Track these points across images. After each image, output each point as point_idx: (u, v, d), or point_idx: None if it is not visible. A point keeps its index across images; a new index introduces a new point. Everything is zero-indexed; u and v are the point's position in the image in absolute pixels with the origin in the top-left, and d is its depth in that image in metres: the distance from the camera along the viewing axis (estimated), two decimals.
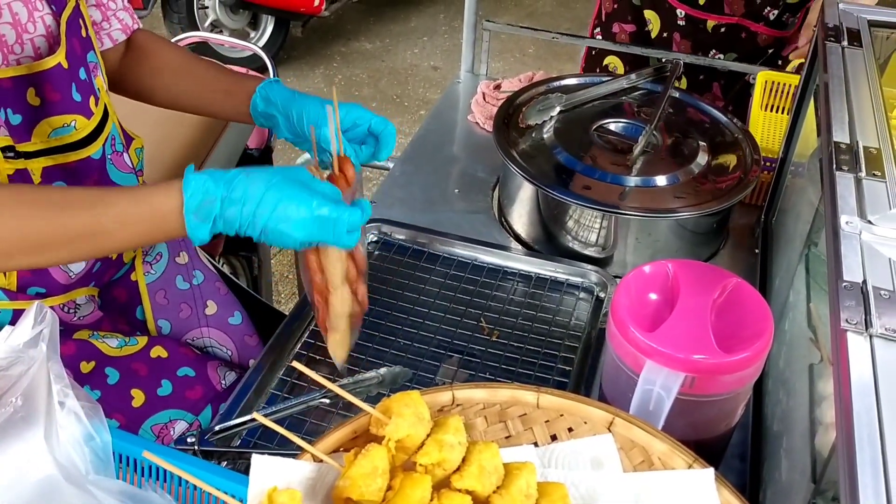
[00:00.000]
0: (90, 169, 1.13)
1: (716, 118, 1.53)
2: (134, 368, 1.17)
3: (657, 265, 0.97)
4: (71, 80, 1.06)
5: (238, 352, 1.32)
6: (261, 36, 4.32)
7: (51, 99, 1.04)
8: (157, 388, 1.18)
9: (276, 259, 2.95)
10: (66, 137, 1.07)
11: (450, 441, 0.72)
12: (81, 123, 1.08)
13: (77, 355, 1.12)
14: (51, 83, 1.03)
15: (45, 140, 1.05)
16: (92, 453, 0.77)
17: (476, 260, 1.39)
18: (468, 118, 1.81)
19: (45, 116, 1.04)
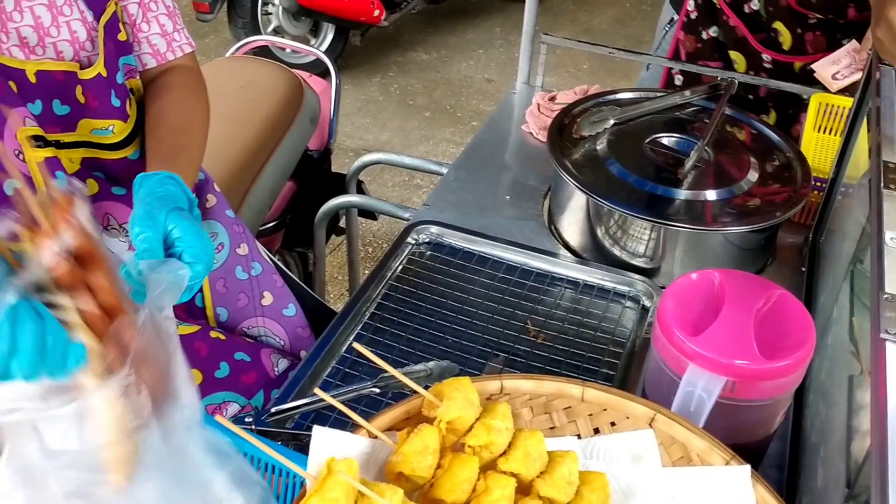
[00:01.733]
0: (128, 166, 1.20)
1: (768, 137, 1.55)
2: (195, 347, 1.23)
3: (704, 273, 1.00)
4: (110, 88, 1.14)
5: (291, 342, 1.37)
6: (321, 43, 4.41)
7: (91, 105, 1.12)
8: (216, 371, 1.24)
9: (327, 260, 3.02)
10: (105, 139, 1.16)
11: (497, 426, 0.76)
12: (119, 128, 1.17)
13: None
14: (91, 91, 1.11)
15: (86, 134, 1.13)
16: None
17: (525, 265, 1.42)
18: (522, 128, 1.85)
19: (87, 116, 1.13)
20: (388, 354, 1.22)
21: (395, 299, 1.34)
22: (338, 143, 3.88)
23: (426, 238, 1.48)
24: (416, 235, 1.47)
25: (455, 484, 0.73)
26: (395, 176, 3.65)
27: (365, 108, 4.31)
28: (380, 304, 1.34)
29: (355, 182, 1.84)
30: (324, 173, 2.02)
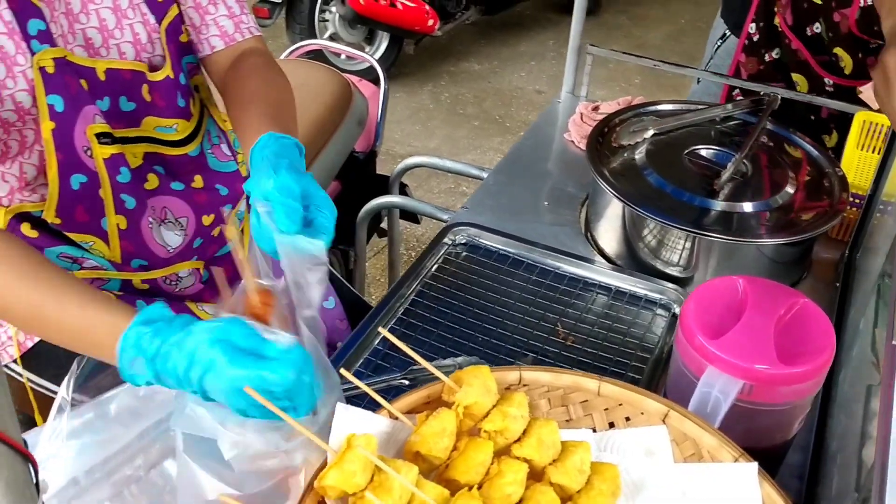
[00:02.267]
0: (189, 163, 1.27)
1: (809, 152, 1.56)
2: None
3: (729, 280, 1.02)
4: (177, 90, 1.20)
5: (329, 333, 1.42)
6: (375, 51, 4.49)
7: (158, 104, 1.19)
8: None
9: (370, 262, 3.08)
10: (168, 136, 1.22)
11: (513, 413, 0.79)
12: (182, 126, 1.23)
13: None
14: (159, 92, 1.18)
15: (149, 131, 1.20)
16: None
17: (558, 269, 1.45)
18: (564, 136, 1.88)
19: (153, 114, 1.19)
20: (418, 348, 1.25)
21: (428, 296, 1.38)
22: (386, 149, 3.96)
23: (463, 239, 1.51)
24: (452, 236, 1.51)
25: (469, 466, 0.77)
26: (441, 182, 3.69)
27: (415, 115, 4.37)
28: (414, 300, 1.37)
29: (398, 184, 1.89)
30: (369, 175, 2.07)
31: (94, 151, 1.12)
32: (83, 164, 1.11)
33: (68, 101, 1.07)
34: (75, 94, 1.08)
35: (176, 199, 1.26)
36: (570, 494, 0.78)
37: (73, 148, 1.09)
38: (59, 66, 1.05)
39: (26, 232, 1.12)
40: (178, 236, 1.26)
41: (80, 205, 1.12)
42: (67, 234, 1.13)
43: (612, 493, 0.79)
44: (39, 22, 1.04)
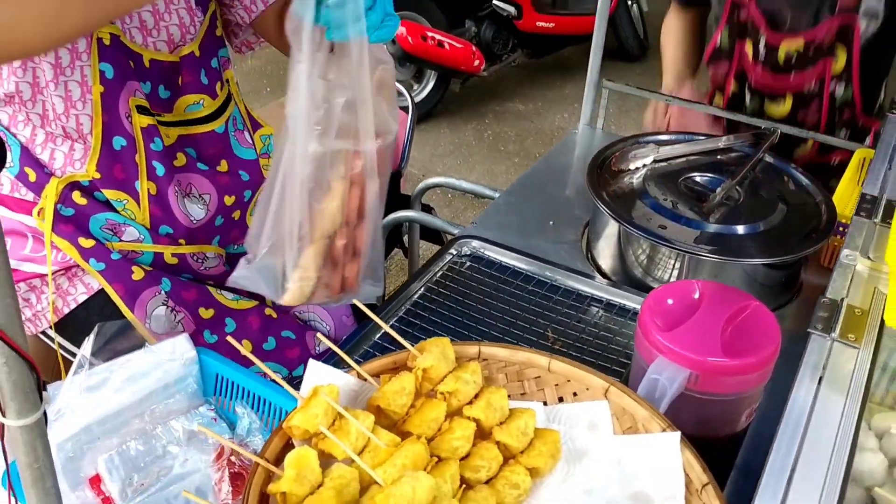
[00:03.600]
0: (215, 140, 1.42)
1: (801, 182, 1.63)
2: (249, 321, 1.40)
3: (688, 283, 1.11)
4: (201, 67, 1.36)
5: (336, 328, 1.53)
6: (423, 88, 4.67)
7: (185, 80, 1.35)
8: (264, 343, 1.41)
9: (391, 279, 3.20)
10: (196, 113, 1.38)
11: (466, 378, 0.89)
12: (208, 102, 1.39)
13: (197, 301, 1.37)
14: (186, 67, 1.34)
15: (181, 113, 1.36)
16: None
17: (554, 280, 1.54)
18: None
19: (182, 94, 1.35)
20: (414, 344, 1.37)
21: (430, 299, 1.49)
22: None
23: (468, 251, 1.62)
24: (459, 247, 1.62)
25: (423, 421, 0.87)
26: (477, 212, 3.81)
27: (458, 150, 4.51)
28: (416, 301, 1.48)
29: (419, 202, 2.01)
30: (394, 193, 2.19)
31: (133, 119, 1.29)
32: (124, 128, 1.28)
33: (117, 71, 1.24)
34: (124, 67, 1.25)
35: (200, 177, 1.40)
36: (514, 454, 0.88)
37: (118, 112, 1.26)
38: (114, 42, 1.23)
39: (77, 199, 1.28)
40: (200, 210, 1.40)
41: (118, 163, 1.29)
42: (104, 191, 1.29)
43: (551, 455, 0.88)
44: None
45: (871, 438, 0.90)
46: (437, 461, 0.83)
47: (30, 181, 1.29)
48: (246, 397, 1.12)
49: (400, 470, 0.79)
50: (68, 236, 1.29)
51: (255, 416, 1.10)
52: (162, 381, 1.09)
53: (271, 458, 0.83)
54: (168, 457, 1.06)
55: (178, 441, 1.07)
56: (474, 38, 4.72)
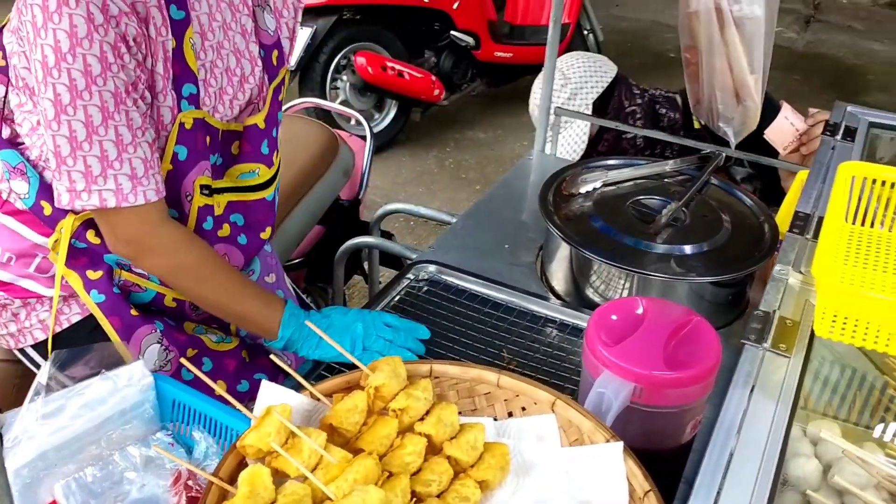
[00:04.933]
0: (263, 207, 1.46)
1: (746, 203, 1.69)
2: (225, 363, 1.43)
3: (632, 299, 1.15)
4: (264, 138, 1.40)
5: (296, 364, 1.55)
6: (384, 117, 4.71)
7: (244, 150, 1.37)
8: (238, 385, 1.44)
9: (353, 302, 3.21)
10: (250, 181, 1.41)
11: (417, 395, 0.92)
12: (263, 171, 1.42)
13: (186, 342, 1.40)
14: (247, 137, 1.37)
15: (233, 180, 1.38)
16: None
17: (509, 302, 1.58)
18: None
19: (239, 162, 1.38)
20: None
21: None
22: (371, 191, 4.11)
23: (425, 276, 1.65)
24: (415, 272, 1.64)
25: (375, 438, 0.89)
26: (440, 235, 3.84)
27: (420, 178, 4.56)
28: None
29: (378, 228, 2.04)
30: (352, 221, 2.22)
31: (193, 199, 1.31)
32: (180, 204, 1.30)
33: (192, 153, 1.26)
34: (201, 149, 1.27)
35: (236, 250, 1.44)
36: (464, 468, 0.90)
37: (178, 191, 1.28)
38: (197, 124, 1.25)
39: (90, 238, 1.29)
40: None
41: None
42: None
43: (500, 468, 0.90)
44: (192, 86, 1.23)
45: (806, 445, 0.94)
46: (389, 476, 0.85)
47: (44, 214, 1.28)
48: (203, 422, 1.13)
49: (351, 485, 0.81)
50: (78, 269, 1.30)
51: (212, 440, 1.11)
52: (119, 407, 1.10)
53: (225, 477, 0.84)
54: (125, 482, 1.06)
55: (136, 467, 1.08)
56: (434, 67, 4.79)
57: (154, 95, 1.20)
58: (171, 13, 1.18)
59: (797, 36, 6.94)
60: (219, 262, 1.32)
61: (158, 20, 1.16)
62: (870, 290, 0.91)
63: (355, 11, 4.37)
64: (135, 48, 1.13)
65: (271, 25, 1.36)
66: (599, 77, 2.32)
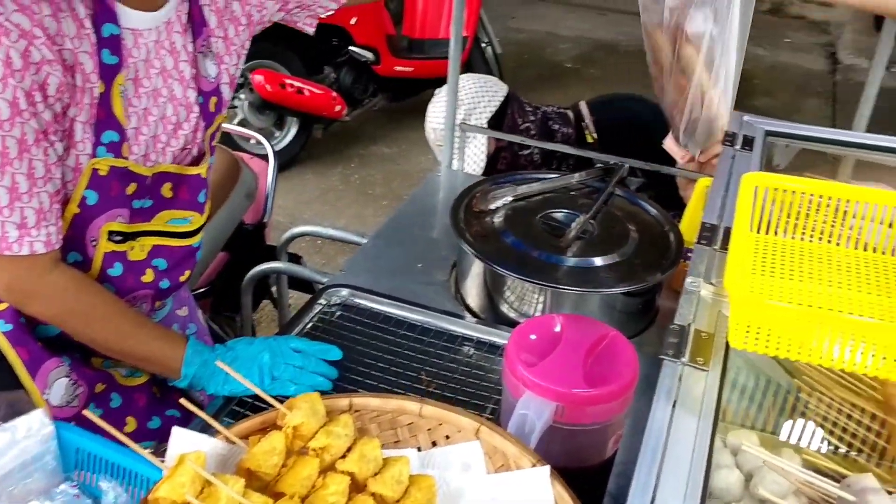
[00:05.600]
0: (188, 253, 1.40)
1: (651, 213, 1.72)
2: (136, 398, 1.36)
3: (549, 317, 1.15)
4: (203, 187, 1.35)
5: (208, 399, 1.49)
6: (285, 136, 4.64)
7: (181, 197, 1.32)
8: (149, 422, 1.37)
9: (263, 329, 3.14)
10: (182, 227, 1.35)
11: (338, 432, 0.89)
12: (196, 219, 1.37)
13: (95, 377, 1.34)
14: (188, 185, 1.32)
15: (163, 224, 1.32)
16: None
17: (425, 323, 1.56)
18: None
19: (171, 207, 1.32)
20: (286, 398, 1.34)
21: None
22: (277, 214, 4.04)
23: (337, 300, 1.61)
24: (327, 297, 1.61)
25: (296, 480, 0.86)
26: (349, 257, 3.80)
27: (325, 196, 4.50)
28: None
29: (285, 253, 1.99)
30: (258, 245, 2.17)
31: (98, 244, 1.24)
32: (84, 249, 1.24)
33: (103, 199, 1.20)
34: (116, 195, 1.21)
35: (152, 293, 1.37)
36: (390, 503, 0.87)
37: (83, 236, 1.22)
38: (114, 172, 1.18)
39: None
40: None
41: None
42: None
43: (427, 500, 0.88)
44: (114, 134, 1.17)
45: (726, 455, 0.95)
46: None
47: None
48: (110, 470, 1.06)
49: None
50: None
51: (121, 489, 1.05)
52: (18, 459, 1.03)
53: None
54: None
55: None
56: (334, 83, 4.75)
57: (72, 144, 1.16)
58: (104, 58, 1.14)
59: None
60: (113, 306, 1.26)
61: (88, 67, 1.12)
62: (778, 299, 0.93)
63: None
64: (53, 98, 1.09)
65: (212, 72, 1.32)
66: (491, 97, 2.34)
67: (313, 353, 1.32)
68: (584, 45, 6.93)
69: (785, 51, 7.10)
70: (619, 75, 6.33)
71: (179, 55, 1.26)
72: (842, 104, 6.01)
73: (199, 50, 1.28)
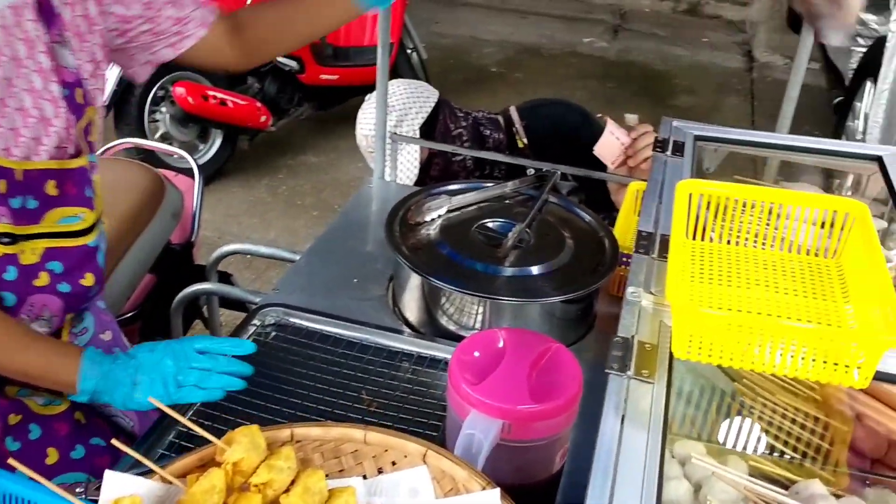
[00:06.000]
0: (84, 253, 1.31)
1: (585, 219, 1.73)
2: (55, 428, 1.29)
3: (491, 332, 1.13)
4: (87, 181, 1.27)
5: (140, 424, 1.44)
6: (209, 148, 4.54)
7: (68, 193, 1.23)
8: (72, 451, 1.30)
9: None
10: (73, 226, 1.26)
11: (280, 466, 0.85)
12: (88, 216, 1.28)
13: (9, 407, 1.26)
14: (72, 180, 1.23)
15: (52, 225, 1.24)
16: None
17: (364, 340, 1.53)
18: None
19: (59, 205, 1.23)
20: (223, 427, 1.29)
21: None
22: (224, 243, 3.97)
23: (272, 320, 1.57)
24: (261, 318, 1.56)
25: None
26: (281, 272, 3.73)
27: (253, 208, 4.42)
28: None
29: (215, 272, 1.93)
30: (187, 266, 2.10)
31: None
32: None
33: None
34: None
35: (56, 299, 1.29)
36: None
37: None
38: None
39: None
40: (43, 329, 1.29)
41: None
42: None
43: None
44: None
45: (674, 466, 0.95)
46: None
47: None
48: None
49: None
50: None
51: None
52: None
53: None
54: None
55: None
56: (258, 93, 4.66)
57: None
58: None
59: (608, 45, 7.32)
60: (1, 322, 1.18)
61: None
62: (718, 307, 0.94)
63: None
64: None
65: (71, 62, 1.25)
66: (423, 103, 2.33)
67: (221, 352, 1.24)
68: (508, 49, 6.98)
69: (704, 50, 7.29)
70: (543, 78, 6.40)
71: (35, 45, 1.19)
72: (760, 101, 6.19)
73: (55, 40, 1.23)
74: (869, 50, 4.25)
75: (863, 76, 4.10)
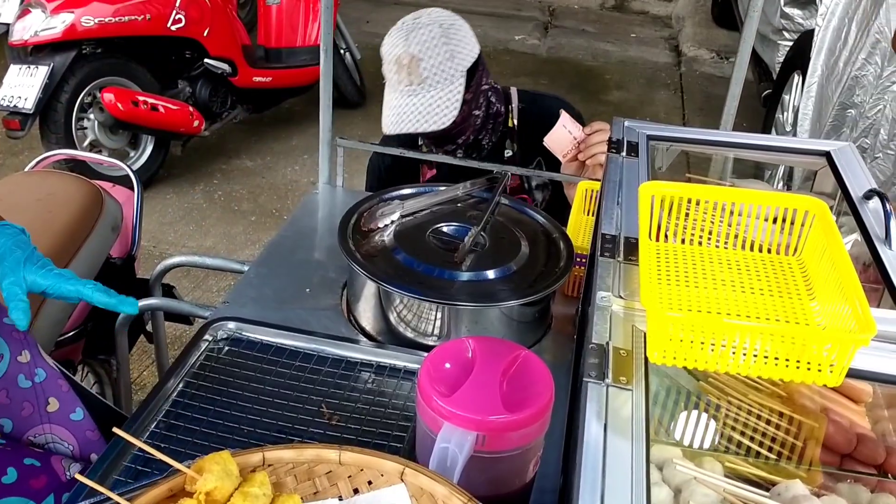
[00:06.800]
0: None
1: (539, 221, 1.72)
2: None
3: (459, 342, 1.11)
4: None
5: (80, 447, 1.37)
6: (141, 155, 4.41)
7: None
8: (3, 476, 1.23)
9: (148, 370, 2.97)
10: None
11: (255, 493, 0.82)
12: None
13: None
14: None
15: None
16: None
17: (321, 352, 1.49)
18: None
19: None
20: (180, 449, 1.25)
21: (190, 395, 1.37)
22: (160, 252, 3.87)
23: (224, 334, 1.52)
24: (213, 333, 1.51)
25: None
26: (220, 281, 3.65)
27: (188, 215, 4.31)
28: (175, 400, 1.36)
29: (159, 286, 1.87)
30: (128, 280, 2.03)
31: None
32: None
33: None
34: None
35: None
36: None
37: None
38: None
39: None
40: None
41: None
42: None
43: None
44: None
45: (653, 471, 0.95)
46: None
47: None
48: None
49: None
50: None
51: None
52: None
53: None
54: None
55: None
56: (190, 98, 4.55)
57: None
58: None
59: (539, 42, 7.37)
60: None
61: None
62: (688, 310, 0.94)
63: (96, 45, 4.04)
64: None
65: None
66: (472, 47, 2.24)
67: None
68: None
69: (632, 45, 7.40)
70: None
71: None
72: (689, 94, 6.32)
73: None
74: (795, 43, 4.37)
75: (790, 69, 4.21)
